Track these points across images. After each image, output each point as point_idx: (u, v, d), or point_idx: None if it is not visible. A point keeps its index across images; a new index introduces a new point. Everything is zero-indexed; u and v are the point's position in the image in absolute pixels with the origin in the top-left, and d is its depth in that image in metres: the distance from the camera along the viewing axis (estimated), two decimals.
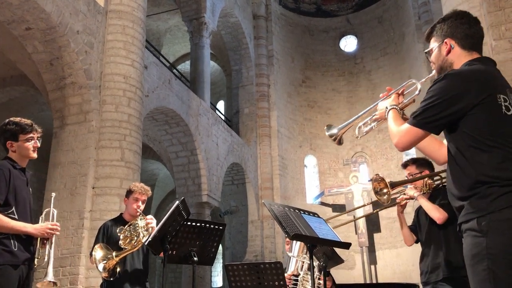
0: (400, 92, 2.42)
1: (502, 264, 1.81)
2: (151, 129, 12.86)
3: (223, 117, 16.29)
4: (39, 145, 3.31)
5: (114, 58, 8.75)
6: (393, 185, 3.40)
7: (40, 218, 3.32)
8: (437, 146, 2.29)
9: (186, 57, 18.69)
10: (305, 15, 19.23)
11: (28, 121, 3.29)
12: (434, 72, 2.32)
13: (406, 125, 2.07)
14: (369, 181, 16.67)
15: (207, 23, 14.10)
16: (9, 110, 11.68)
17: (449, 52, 2.16)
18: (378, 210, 4.74)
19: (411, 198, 3.78)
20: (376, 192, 3.42)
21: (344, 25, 19.27)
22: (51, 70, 8.43)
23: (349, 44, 19.28)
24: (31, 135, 3.25)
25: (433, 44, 2.24)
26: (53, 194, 3.51)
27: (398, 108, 2.32)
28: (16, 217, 3.10)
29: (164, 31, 18.06)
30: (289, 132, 17.44)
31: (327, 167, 17.84)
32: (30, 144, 3.24)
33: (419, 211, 3.93)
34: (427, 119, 1.99)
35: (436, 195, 3.75)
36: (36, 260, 3.18)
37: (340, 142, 2.75)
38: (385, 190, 3.39)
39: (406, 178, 3.83)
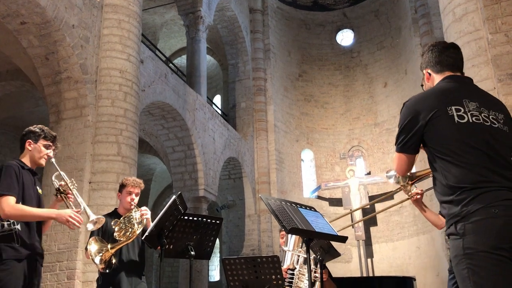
0: None
1: (478, 260, 2.00)
2: (147, 123, 12.83)
3: (219, 112, 16.26)
4: (51, 156, 3.56)
5: (110, 53, 8.71)
6: (412, 178, 3.49)
7: (55, 183, 3.56)
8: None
9: (182, 51, 18.62)
10: (301, 9, 19.18)
11: (53, 133, 3.62)
12: None
13: (395, 154, 2.47)
14: (366, 174, 16.72)
15: (203, 17, 14.05)
16: (4, 105, 11.64)
17: (428, 79, 2.58)
18: (376, 212, 4.74)
19: None
20: (403, 186, 3.55)
21: (340, 19, 19.23)
22: (46, 64, 8.39)
23: (345, 38, 19.26)
24: (50, 143, 3.53)
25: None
26: (53, 159, 3.62)
27: None
28: None
29: (160, 25, 17.98)
30: (286, 126, 17.44)
31: (324, 161, 17.86)
32: (44, 150, 3.49)
33: None
34: (400, 144, 2.38)
35: None
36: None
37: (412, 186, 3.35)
38: (409, 183, 3.46)
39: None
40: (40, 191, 3.53)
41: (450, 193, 2.14)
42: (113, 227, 3.98)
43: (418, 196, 3.98)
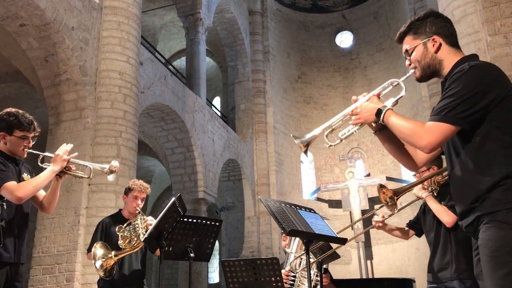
0: (377, 94, 2.29)
1: None
2: (147, 125, 12.83)
3: (219, 113, 16.27)
4: (31, 145, 3.16)
5: (110, 55, 8.72)
6: (398, 193, 3.30)
7: (44, 166, 3.22)
8: (412, 150, 2.26)
9: (181, 53, 18.64)
10: (301, 11, 19.20)
11: (29, 118, 3.13)
12: (412, 71, 2.22)
13: (433, 123, 1.93)
14: (365, 176, 16.72)
15: (202, 19, 14.06)
16: (3, 106, 11.61)
17: (438, 49, 2.11)
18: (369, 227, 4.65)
19: (420, 198, 3.70)
20: (386, 204, 3.31)
21: (339, 21, 19.25)
22: (46, 66, 8.39)
23: (344, 39, 19.28)
24: (27, 133, 3.09)
25: (413, 42, 2.18)
26: (27, 149, 3.20)
27: (392, 109, 2.17)
28: (5, 207, 2.98)
29: (159, 27, 17.99)
30: (285, 128, 17.44)
31: (323, 163, 17.86)
32: (22, 143, 3.08)
33: (425, 208, 3.83)
34: (461, 114, 1.88)
35: (444, 192, 3.64)
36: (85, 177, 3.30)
37: (306, 152, 2.52)
38: (394, 198, 3.30)
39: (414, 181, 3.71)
40: (28, 178, 3.17)
41: (503, 178, 1.84)
42: (117, 233, 3.95)
43: (380, 224, 4.05)
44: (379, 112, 2.15)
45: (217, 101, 19.59)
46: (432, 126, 1.94)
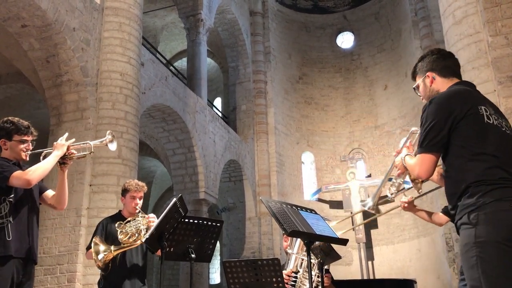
0: (408, 144, 2.72)
1: (488, 250, 2.05)
2: (148, 126, 12.84)
3: (220, 114, 16.27)
4: (31, 148, 3.31)
5: (111, 55, 8.73)
6: None
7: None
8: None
9: (182, 54, 18.65)
10: (301, 12, 19.21)
11: (25, 123, 3.28)
12: None
13: (418, 156, 2.35)
14: (366, 177, 16.70)
15: (203, 19, 14.07)
16: (5, 107, 11.65)
17: (432, 82, 2.54)
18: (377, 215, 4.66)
19: None
20: (412, 180, 3.42)
21: (340, 22, 19.25)
22: (47, 67, 8.40)
23: (345, 40, 19.27)
24: (25, 137, 3.25)
25: (417, 80, 2.64)
26: (28, 152, 3.32)
27: (412, 154, 2.58)
28: (13, 204, 3.09)
29: (160, 28, 18.01)
30: (286, 128, 17.44)
31: (324, 163, 17.86)
32: (22, 146, 3.24)
33: None
34: (430, 142, 2.27)
35: None
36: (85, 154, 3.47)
37: (378, 211, 2.99)
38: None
39: None
40: None
41: (467, 187, 2.17)
42: (117, 229, 3.95)
43: (406, 205, 4.03)
44: (401, 161, 2.61)
45: (218, 102, 19.59)
46: (418, 158, 2.36)
